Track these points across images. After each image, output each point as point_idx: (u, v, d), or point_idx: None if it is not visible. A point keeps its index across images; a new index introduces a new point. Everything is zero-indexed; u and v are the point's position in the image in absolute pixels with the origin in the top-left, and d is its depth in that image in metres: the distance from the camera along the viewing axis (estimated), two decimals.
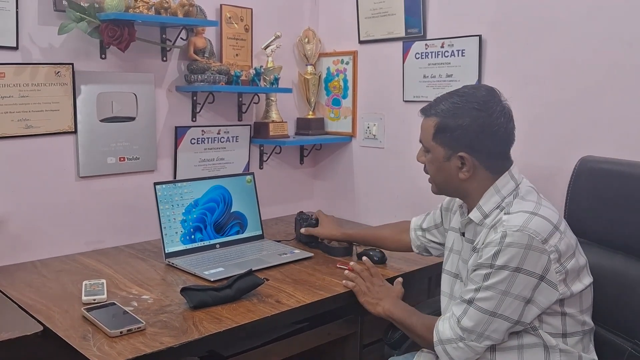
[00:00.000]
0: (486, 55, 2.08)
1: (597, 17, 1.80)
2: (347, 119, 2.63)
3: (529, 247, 1.23)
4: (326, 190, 2.78)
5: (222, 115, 2.43)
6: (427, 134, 1.40)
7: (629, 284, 1.40)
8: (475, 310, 1.28)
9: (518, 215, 1.29)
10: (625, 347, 1.38)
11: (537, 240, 1.24)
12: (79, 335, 1.37)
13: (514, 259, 1.24)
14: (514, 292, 1.25)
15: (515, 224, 1.26)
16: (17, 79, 1.86)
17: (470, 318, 1.29)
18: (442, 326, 1.35)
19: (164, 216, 1.95)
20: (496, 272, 1.25)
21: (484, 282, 1.27)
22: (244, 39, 2.45)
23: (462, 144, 1.35)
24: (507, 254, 1.24)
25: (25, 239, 1.94)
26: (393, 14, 2.35)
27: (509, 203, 1.34)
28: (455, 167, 1.38)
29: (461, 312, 1.31)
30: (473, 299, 1.29)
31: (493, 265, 1.25)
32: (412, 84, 2.33)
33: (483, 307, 1.27)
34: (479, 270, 1.29)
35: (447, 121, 1.35)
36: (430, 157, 1.42)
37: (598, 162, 1.55)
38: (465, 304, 1.30)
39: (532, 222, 1.26)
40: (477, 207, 1.39)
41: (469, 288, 1.31)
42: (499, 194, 1.36)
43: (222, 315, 1.50)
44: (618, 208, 1.46)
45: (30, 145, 1.93)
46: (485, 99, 1.35)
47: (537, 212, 1.29)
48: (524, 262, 1.23)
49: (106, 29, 1.92)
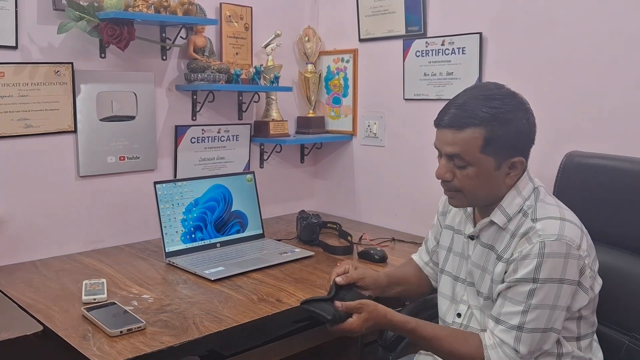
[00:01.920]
0: (487, 53, 2.08)
1: (597, 14, 1.79)
2: (348, 118, 2.62)
3: (568, 256, 1.20)
4: (327, 189, 2.78)
5: (222, 114, 2.43)
6: (472, 148, 1.24)
7: (622, 278, 1.41)
8: (529, 334, 1.22)
9: (550, 223, 1.23)
10: (622, 341, 1.39)
11: (574, 247, 1.21)
12: (79, 334, 1.37)
13: (556, 270, 1.19)
14: (561, 304, 1.21)
15: (551, 232, 1.21)
16: (17, 78, 1.86)
17: (525, 344, 1.22)
18: (495, 356, 1.25)
19: (164, 215, 1.95)
20: (541, 287, 1.20)
21: (531, 301, 1.21)
22: (244, 37, 2.45)
23: (517, 150, 1.26)
24: (549, 266, 1.19)
25: (25, 238, 1.94)
26: (393, 12, 2.34)
27: (531, 207, 1.29)
28: (503, 174, 1.28)
29: (514, 340, 1.22)
30: (523, 323, 1.21)
31: (537, 280, 1.19)
32: (412, 82, 2.32)
33: (536, 328, 1.21)
34: (520, 286, 1.22)
35: (497, 130, 1.22)
36: (475, 171, 1.26)
37: (585, 157, 1.56)
38: (515, 330, 1.22)
39: (565, 229, 1.22)
40: (500, 210, 1.31)
41: (514, 310, 1.23)
42: (521, 196, 1.30)
43: (222, 315, 1.50)
44: (606, 202, 1.48)
45: (30, 145, 1.92)
46: (520, 96, 1.27)
47: (565, 217, 1.25)
48: (566, 271, 1.20)
49: (106, 27, 1.92)
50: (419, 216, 2.34)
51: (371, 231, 2.36)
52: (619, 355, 1.39)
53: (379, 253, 1.97)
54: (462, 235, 1.45)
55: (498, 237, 1.32)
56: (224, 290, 1.68)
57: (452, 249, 1.49)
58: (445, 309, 1.48)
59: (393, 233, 2.35)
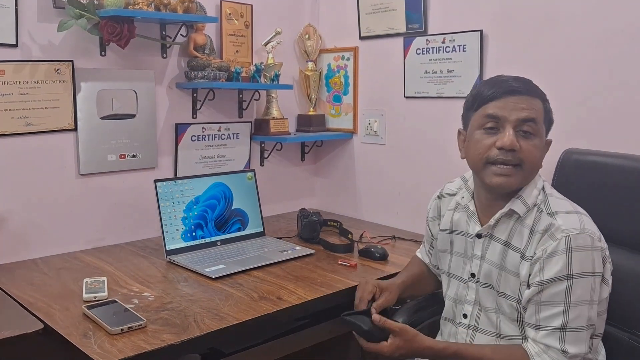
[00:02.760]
0: (487, 51, 2.07)
1: (598, 12, 1.79)
2: (348, 116, 2.62)
3: (593, 248, 1.20)
4: (327, 187, 2.77)
5: (223, 112, 2.42)
6: (539, 116, 1.27)
7: (621, 275, 1.40)
8: (574, 333, 1.19)
9: (569, 217, 1.23)
10: (622, 338, 1.39)
11: (596, 239, 1.21)
12: (79, 333, 1.37)
13: (587, 263, 1.19)
14: (595, 298, 1.21)
15: (574, 226, 1.21)
16: (17, 76, 1.86)
17: (572, 343, 1.20)
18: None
19: (165, 213, 1.95)
20: (577, 283, 1.18)
21: (570, 299, 1.19)
22: (244, 35, 2.44)
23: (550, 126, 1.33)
24: (579, 260, 1.18)
25: (25, 236, 1.94)
26: (394, 10, 2.34)
27: (543, 201, 1.28)
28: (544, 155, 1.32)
29: (559, 342, 1.20)
30: (566, 323, 1.19)
31: (571, 276, 1.18)
32: (413, 79, 2.32)
33: (579, 326, 1.19)
34: (555, 286, 1.19)
35: (548, 106, 1.31)
36: (539, 142, 1.27)
37: (583, 154, 1.57)
38: (559, 331, 1.20)
39: (585, 222, 1.22)
40: (520, 200, 1.29)
41: (554, 312, 1.20)
42: (537, 188, 1.30)
43: (223, 313, 1.50)
44: (604, 199, 1.48)
45: (31, 143, 1.92)
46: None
47: (578, 210, 1.26)
48: (594, 263, 1.19)
49: (106, 25, 1.91)
50: (419, 214, 2.32)
51: (372, 229, 2.36)
52: (619, 352, 1.39)
53: (379, 251, 1.97)
54: (464, 235, 1.42)
55: (515, 233, 1.30)
56: (224, 288, 1.68)
57: (453, 250, 1.46)
58: (450, 310, 1.47)
59: (394, 231, 2.35)
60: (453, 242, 1.47)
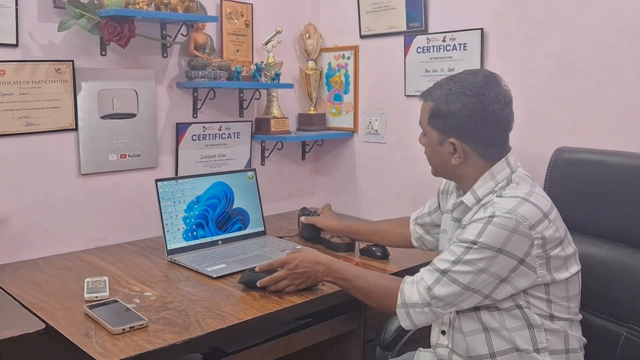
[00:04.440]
0: (488, 49, 2.07)
1: (598, 9, 1.78)
2: (349, 115, 2.62)
3: (515, 231, 1.24)
4: (328, 185, 2.77)
5: (223, 112, 2.42)
6: (424, 118, 1.43)
7: (615, 270, 1.42)
8: (449, 282, 1.29)
9: (509, 200, 1.29)
10: (620, 332, 1.40)
11: (524, 225, 1.25)
12: (81, 332, 1.37)
13: (498, 240, 1.24)
14: (491, 271, 1.26)
15: (505, 206, 1.27)
16: (18, 76, 1.86)
17: (442, 288, 1.29)
18: (408, 290, 1.34)
19: (166, 213, 1.95)
20: (478, 250, 1.26)
21: (463, 256, 1.28)
22: (244, 34, 2.44)
23: (453, 130, 1.36)
24: (492, 234, 1.25)
25: (27, 236, 1.94)
26: (394, 8, 2.34)
27: (503, 188, 1.35)
28: (447, 152, 1.39)
29: (433, 281, 1.31)
30: (448, 270, 1.29)
31: (476, 242, 1.26)
32: (413, 78, 2.31)
33: (457, 280, 1.28)
34: (461, 243, 1.29)
35: (440, 106, 1.37)
36: (426, 141, 1.44)
37: (574, 152, 1.57)
38: (439, 273, 1.30)
39: (522, 207, 1.27)
40: (470, 192, 1.39)
41: (446, 258, 1.31)
42: (494, 180, 1.37)
43: (224, 312, 1.50)
44: (596, 196, 1.49)
45: (31, 143, 1.92)
46: (480, 84, 1.35)
47: (528, 198, 1.30)
48: (507, 244, 1.24)
49: (106, 25, 1.91)
50: None
51: None
52: (616, 346, 1.39)
53: (380, 250, 1.97)
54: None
55: (466, 212, 1.40)
56: (226, 287, 1.68)
57: (447, 230, 1.54)
58: None
59: None
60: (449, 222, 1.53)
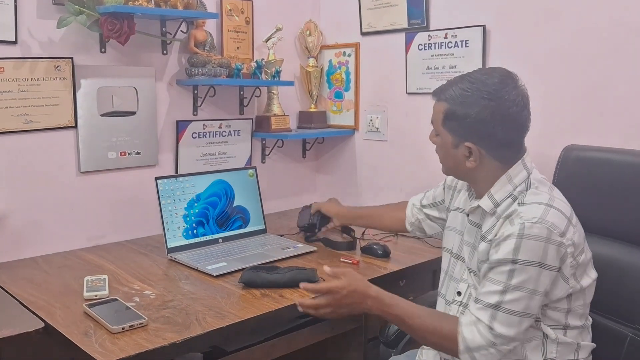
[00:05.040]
0: (490, 46, 2.06)
1: (601, 6, 1.77)
2: (350, 112, 2.60)
3: (548, 240, 1.19)
4: (329, 183, 2.76)
5: (224, 109, 2.41)
6: (437, 119, 1.36)
7: (624, 270, 1.40)
8: (506, 315, 1.21)
9: (534, 207, 1.24)
10: (626, 333, 1.39)
11: (555, 233, 1.20)
12: (80, 331, 1.36)
13: (536, 253, 1.19)
14: (540, 290, 1.21)
15: (533, 215, 1.22)
16: (17, 73, 1.85)
17: (502, 323, 1.21)
18: (469, 333, 1.24)
19: (166, 211, 1.94)
20: (521, 269, 1.19)
21: (509, 282, 1.20)
22: (244, 31, 2.43)
23: (469, 134, 1.30)
24: (529, 248, 1.19)
25: (26, 234, 1.93)
26: (395, 5, 2.32)
27: (522, 192, 1.30)
28: (462, 155, 1.33)
29: (489, 318, 1.22)
30: (501, 302, 1.21)
31: (516, 261, 1.20)
32: (415, 75, 2.30)
33: (513, 310, 1.21)
34: (500, 267, 1.22)
35: (455, 109, 1.30)
36: (440, 141, 1.38)
37: (583, 150, 1.56)
38: (492, 308, 1.22)
39: (549, 214, 1.22)
40: (488, 196, 1.33)
41: (492, 290, 1.23)
42: (511, 183, 1.31)
43: (225, 311, 1.49)
44: (605, 195, 1.47)
45: (31, 141, 1.91)
46: (497, 87, 1.28)
47: (552, 204, 1.25)
48: (546, 256, 1.19)
49: (106, 22, 1.90)
50: None
51: None
52: (622, 347, 1.38)
53: (381, 248, 1.96)
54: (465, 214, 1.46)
55: (485, 217, 1.35)
56: (226, 286, 1.67)
57: (456, 228, 1.49)
58: (443, 284, 1.50)
59: None
60: (458, 220, 1.49)
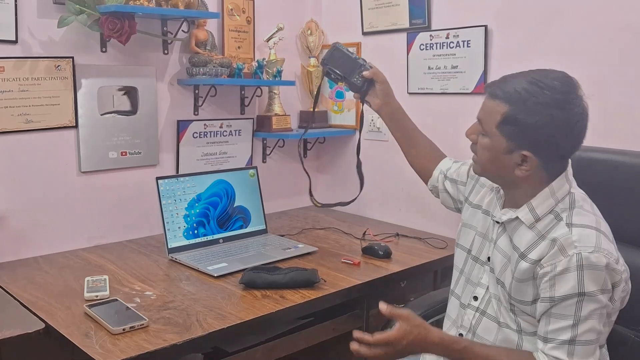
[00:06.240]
0: (492, 46, 2.05)
1: (603, 7, 1.77)
2: (351, 112, 2.60)
3: (607, 267, 1.16)
4: (330, 183, 2.76)
5: (225, 109, 2.41)
6: (492, 119, 1.24)
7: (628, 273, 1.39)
8: (583, 347, 1.17)
9: (586, 232, 1.19)
10: (628, 336, 1.38)
11: (612, 260, 1.17)
12: (81, 332, 1.36)
13: (598, 282, 1.16)
14: (606, 312, 1.19)
15: (589, 244, 1.17)
16: (17, 73, 1.84)
17: (580, 356, 1.17)
18: None
19: (167, 211, 1.93)
20: (589, 300, 1.16)
21: (579, 313, 1.16)
22: (246, 31, 2.42)
23: (530, 143, 1.20)
24: (592, 279, 1.15)
25: (26, 234, 1.93)
26: (397, 5, 2.32)
27: (564, 210, 1.24)
28: (514, 163, 1.23)
29: (567, 354, 1.17)
30: (575, 336, 1.17)
31: (583, 293, 1.15)
32: (416, 75, 2.30)
33: (589, 339, 1.17)
34: (566, 301, 1.17)
35: (519, 114, 1.19)
36: (487, 143, 1.26)
37: (584, 151, 1.54)
38: (568, 344, 1.17)
39: (602, 240, 1.18)
40: (529, 209, 1.26)
41: (563, 325, 1.17)
42: (554, 197, 1.25)
43: (226, 311, 1.48)
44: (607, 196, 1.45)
45: (31, 140, 1.91)
46: (565, 95, 1.19)
47: (600, 227, 1.21)
48: (607, 283, 1.17)
49: (106, 21, 1.89)
50: (422, 211, 2.32)
51: (375, 226, 2.35)
52: (624, 350, 1.38)
53: (382, 248, 1.95)
54: (490, 216, 1.40)
55: (523, 233, 1.27)
56: (227, 286, 1.66)
57: (477, 228, 1.43)
58: (458, 284, 1.46)
59: (397, 228, 2.34)
60: (479, 220, 1.43)
